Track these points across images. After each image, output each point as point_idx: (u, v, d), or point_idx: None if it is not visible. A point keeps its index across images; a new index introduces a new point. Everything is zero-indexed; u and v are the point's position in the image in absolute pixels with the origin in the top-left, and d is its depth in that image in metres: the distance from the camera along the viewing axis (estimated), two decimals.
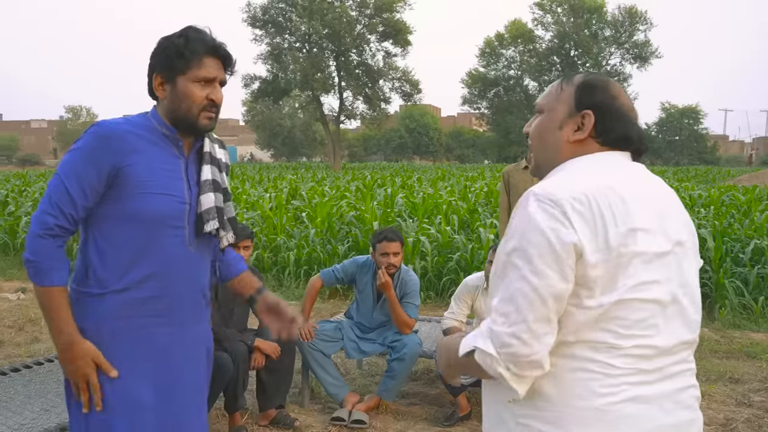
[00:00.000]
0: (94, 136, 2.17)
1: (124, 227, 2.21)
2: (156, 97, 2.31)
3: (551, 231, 1.52)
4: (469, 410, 4.88)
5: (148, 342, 2.27)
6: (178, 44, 2.22)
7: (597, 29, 52.02)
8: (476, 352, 1.55)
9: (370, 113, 50.88)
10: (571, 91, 1.76)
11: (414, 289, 5.01)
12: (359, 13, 48.59)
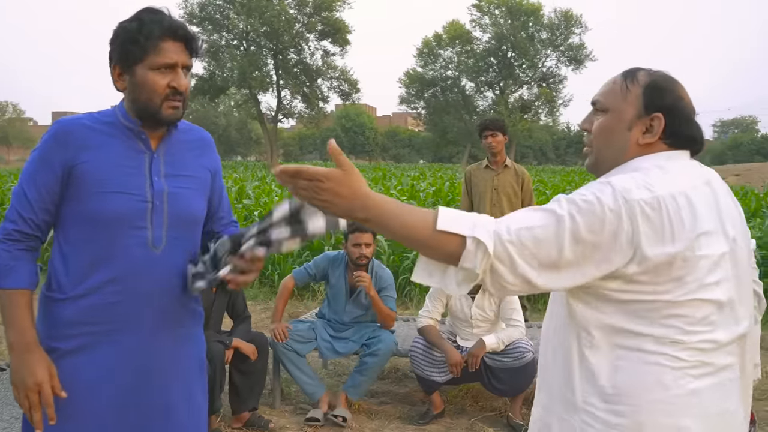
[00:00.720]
0: (49, 135, 2.08)
1: (84, 229, 2.09)
2: (117, 89, 2.15)
3: (610, 225, 1.54)
4: (442, 408, 4.89)
5: (111, 349, 2.11)
6: (131, 29, 2.05)
7: (534, 32, 52.79)
8: (471, 240, 1.51)
9: (308, 112, 50.71)
10: (639, 92, 1.75)
11: (390, 283, 5.03)
12: (298, 11, 48.45)
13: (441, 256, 1.56)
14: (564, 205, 1.57)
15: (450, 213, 1.57)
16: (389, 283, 5.05)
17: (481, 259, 1.51)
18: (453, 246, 1.53)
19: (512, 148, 55.11)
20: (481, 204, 5.89)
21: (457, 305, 4.83)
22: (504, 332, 4.65)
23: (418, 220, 1.56)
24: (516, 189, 5.89)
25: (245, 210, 11.93)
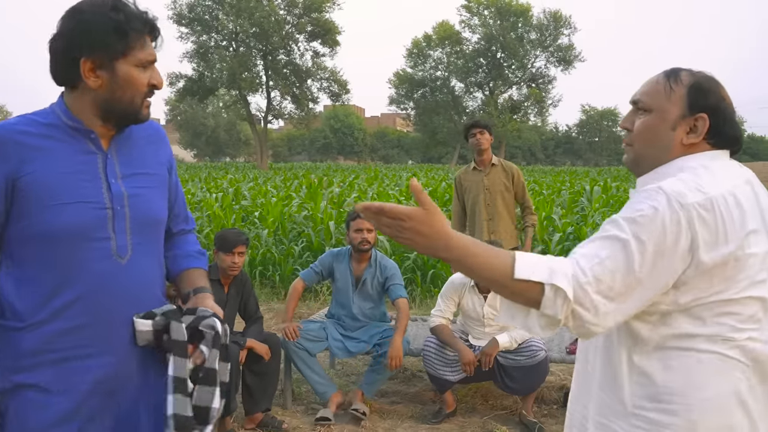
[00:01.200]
0: None
1: (37, 248, 1.83)
2: (68, 85, 1.89)
3: (672, 234, 1.56)
4: (455, 407, 4.91)
5: (80, 376, 1.87)
6: (117, 20, 1.81)
7: (523, 32, 52.96)
8: (551, 288, 1.52)
9: (298, 113, 50.67)
10: (683, 92, 1.76)
11: (394, 272, 5.12)
12: (288, 12, 48.37)
13: (521, 302, 1.58)
14: (625, 227, 1.58)
15: (527, 259, 1.57)
16: (394, 271, 5.13)
17: (562, 305, 1.52)
18: (532, 293, 1.53)
19: (502, 149, 55.26)
20: (475, 206, 5.92)
21: (469, 305, 4.84)
22: (516, 331, 4.67)
23: (497, 265, 1.55)
24: (507, 185, 5.92)
25: (243, 211, 11.90)
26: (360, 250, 5.04)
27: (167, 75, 48.71)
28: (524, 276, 1.53)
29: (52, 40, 1.84)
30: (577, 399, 1.94)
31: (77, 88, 1.87)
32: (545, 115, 56.55)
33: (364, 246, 5.00)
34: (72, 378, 1.86)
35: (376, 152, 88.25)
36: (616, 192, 16.03)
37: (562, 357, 4.86)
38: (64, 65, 1.84)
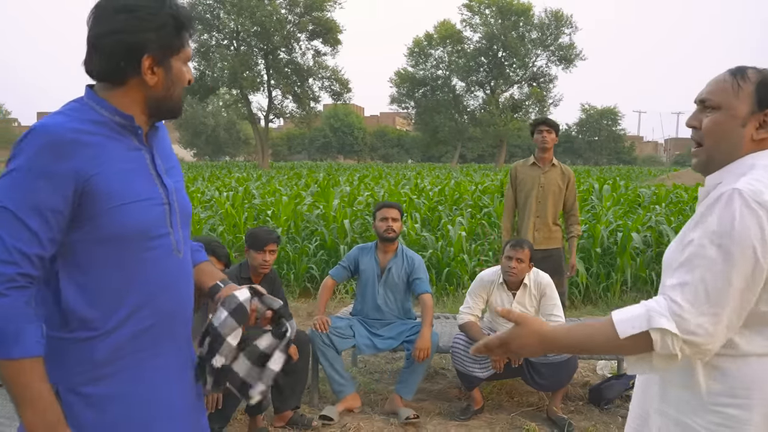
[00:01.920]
0: (39, 147, 1.65)
1: (103, 251, 1.75)
2: (116, 81, 1.81)
3: (757, 235, 1.59)
4: (482, 404, 4.93)
5: (148, 383, 1.86)
6: (176, 16, 1.79)
7: (524, 31, 52.90)
8: (655, 332, 1.58)
9: (299, 112, 50.63)
10: (751, 89, 1.78)
11: (418, 265, 5.17)
12: (289, 11, 48.23)
13: (640, 353, 1.65)
14: (706, 242, 1.62)
15: (623, 316, 1.64)
16: (419, 265, 5.18)
17: (672, 342, 1.58)
18: (642, 343, 1.61)
19: (503, 148, 55.27)
20: (527, 200, 5.93)
21: (497, 302, 4.86)
22: None
23: (600, 337, 1.67)
24: (561, 187, 5.92)
25: (252, 209, 11.91)
26: (386, 239, 5.11)
27: None
28: (628, 333, 1.61)
29: (102, 36, 1.76)
30: (643, 397, 1.96)
31: (124, 85, 1.81)
32: (546, 114, 56.44)
33: (389, 234, 5.08)
34: (148, 381, 1.85)
35: (376, 151, 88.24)
36: (624, 191, 16.05)
37: (589, 354, 4.88)
38: (122, 62, 1.77)
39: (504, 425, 4.73)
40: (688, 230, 1.73)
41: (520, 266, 4.73)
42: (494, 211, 11.94)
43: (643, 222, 10.13)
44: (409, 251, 5.26)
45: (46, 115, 1.75)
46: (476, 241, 10.17)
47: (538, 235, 5.78)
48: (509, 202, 6.15)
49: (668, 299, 1.61)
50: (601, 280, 8.74)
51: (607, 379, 5.26)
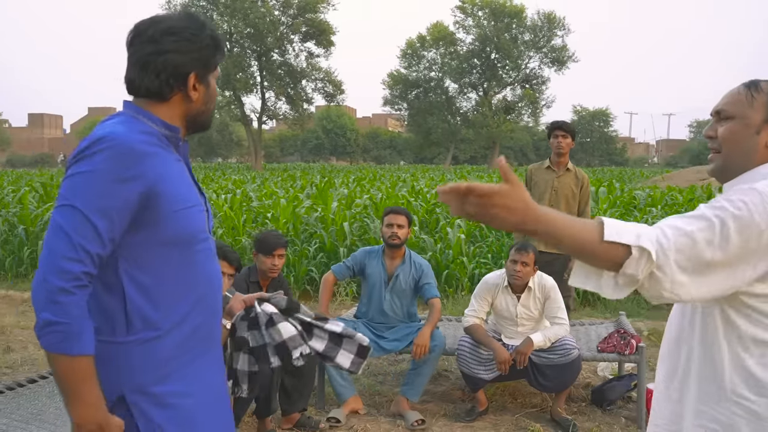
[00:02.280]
0: (112, 153, 1.75)
1: (165, 253, 1.88)
2: (160, 97, 1.94)
3: (759, 228, 1.65)
4: (487, 405, 4.99)
5: (203, 373, 2.01)
6: (215, 38, 1.98)
7: (517, 33, 53.02)
8: (637, 249, 1.60)
9: (292, 114, 50.64)
10: (764, 99, 1.88)
11: (428, 271, 5.22)
12: (282, 13, 48.30)
13: (604, 264, 1.65)
14: (711, 211, 1.68)
15: (614, 224, 1.65)
16: (427, 270, 5.23)
17: (644, 266, 1.60)
18: (618, 255, 1.61)
19: (495, 150, 55.37)
20: (539, 203, 5.97)
21: (502, 304, 4.93)
22: (550, 330, 4.76)
23: (585, 231, 1.64)
24: (575, 192, 5.98)
25: (250, 212, 11.92)
26: (391, 245, 5.14)
27: None
28: (613, 239, 1.61)
29: (151, 56, 1.89)
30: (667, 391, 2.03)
31: (169, 100, 1.94)
32: (539, 116, 56.63)
33: (393, 241, 5.10)
34: (201, 377, 1.99)
35: (368, 153, 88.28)
36: (620, 193, 16.16)
37: (593, 355, 4.95)
38: (171, 79, 1.91)
39: (509, 426, 4.80)
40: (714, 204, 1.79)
41: (525, 269, 4.79)
42: None
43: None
44: (417, 257, 5.29)
45: (104, 125, 1.87)
46: (474, 244, 10.24)
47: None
48: None
49: (661, 231, 1.66)
50: None
51: (608, 381, 5.34)
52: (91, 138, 1.78)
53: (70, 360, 1.70)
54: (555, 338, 4.72)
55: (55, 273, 1.68)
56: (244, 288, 4.54)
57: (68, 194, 1.74)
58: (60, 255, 1.69)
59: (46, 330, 1.68)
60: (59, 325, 1.68)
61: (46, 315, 1.67)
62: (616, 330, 5.15)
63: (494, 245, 9.97)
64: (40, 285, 1.70)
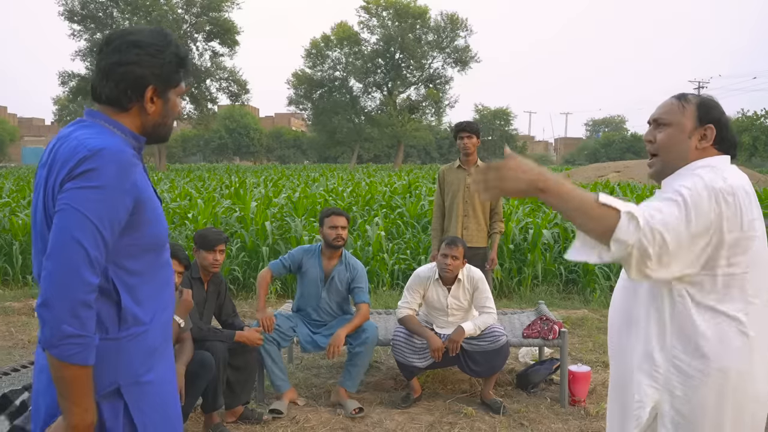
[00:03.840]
0: (116, 166, 1.87)
1: (144, 255, 2.01)
2: (120, 107, 2.04)
3: (707, 207, 2.02)
4: (420, 392, 5.26)
5: (169, 364, 2.18)
6: (179, 56, 2.08)
7: (421, 34, 53.64)
8: (625, 213, 1.91)
9: (196, 113, 49.84)
10: (693, 109, 2.27)
11: (360, 274, 5.40)
12: (186, 11, 47.42)
13: (599, 228, 1.93)
14: (676, 196, 2.02)
15: (607, 195, 1.97)
16: (361, 273, 5.41)
17: (633, 231, 1.90)
18: (610, 219, 1.91)
19: (400, 149, 55.97)
20: (454, 201, 6.25)
21: (433, 296, 5.20)
22: (479, 319, 5.06)
23: (585, 194, 1.95)
24: None
25: (167, 212, 11.79)
26: (333, 247, 5.30)
27: (58, 74, 47.02)
28: (607, 201, 1.92)
29: (114, 65, 2.00)
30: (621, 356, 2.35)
31: (128, 110, 2.05)
32: (442, 115, 57.53)
33: (338, 242, 5.27)
34: (170, 364, 2.19)
35: (272, 152, 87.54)
36: None
37: (519, 341, 5.28)
38: (129, 89, 2.01)
39: (443, 411, 5.08)
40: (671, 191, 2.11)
41: (455, 263, 5.08)
42: (407, 211, 12.33)
43: (550, 219, 10.73)
44: (352, 259, 5.46)
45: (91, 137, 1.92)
46: (393, 241, 10.52)
47: (466, 234, 6.13)
48: (438, 204, 6.47)
49: (644, 208, 1.98)
50: (513, 275, 9.26)
51: (531, 365, 5.70)
52: (89, 149, 1.86)
53: (80, 369, 1.81)
54: (484, 326, 5.02)
55: (79, 286, 1.78)
56: (188, 284, 4.65)
57: (81, 207, 1.82)
58: (81, 269, 1.78)
59: (66, 342, 1.76)
60: (80, 338, 1.78)
61: (66, 328, 1.76)
62: (538, 317, 5.49)
63: (412, 242, 10.27)
64: (62, 297, 1.77)
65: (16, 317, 7.76)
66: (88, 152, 1.85)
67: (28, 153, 76.96)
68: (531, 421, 4.87)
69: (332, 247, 5.31)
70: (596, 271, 8.99)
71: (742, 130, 47.10)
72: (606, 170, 30.28)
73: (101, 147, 1.87)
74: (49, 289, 1.77)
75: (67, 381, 1.81)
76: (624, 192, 16.10)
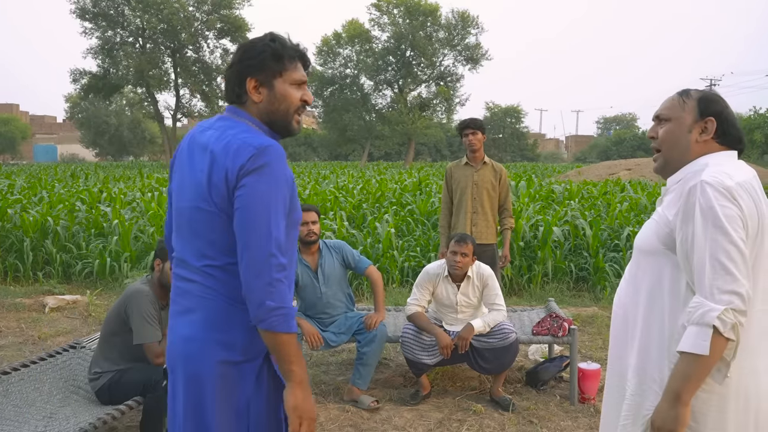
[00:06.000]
0: (282, 159, 2.12)
1: (291, 233, 2.20)
2: (241, 101, 2.28)
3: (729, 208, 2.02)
4: (430, 389, 5.26)
5: None
6: (275, 48, 2.23)
7: (431, 31, 53.50)
8: (714, 320, 1.96)
9: (207, 111, 49.92)
10: (694, 103, 2.27)
11: (345, 247, 5.42)
12: (197, 8, 47.47)
13: (718, 356, 2.02)
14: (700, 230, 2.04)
15: (685, 344, 2.02)
16: (345, 247, 5.42)
17: (727, 317, 1.98)
18: (717, 345, 1.98)
19: (411, 146, 55.91)
20: (462, 198, 6.23)
21: (443, 293, 5.19)
22: (489, 316, 5.05)
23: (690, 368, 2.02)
24: (494, 184, 6.26)
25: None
26: (309, 242, 5.25)
27: (70, 71, 47.21)
28: (705, 347, 1.98)
29: (226, 70, 2.31)
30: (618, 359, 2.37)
31: (244, 103, 2.28)
32: (453, 113, 57.36)
33: (311, 238, 5.22)
34: None
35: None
36: (538, 187, 16.73)
37: (528, 338, 5.26)
38: (236, 85, 2.26)
39: (452, 408, 5.07)
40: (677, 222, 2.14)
41: (465, 260, 5.06)
42: (417, 208, 12.32)
43: (560, 217, 10.69)
44: (329, 241, 5.43)
45: (251, 136, 2.16)
46: (402, 238, 10.51)
47: (475, 231, 6.11)
48: (445, 202, 6.46)
49: (697, 298, 2.02)
50: (523, 272, 9.23)
51: (541, 363, 5.68)
52: (264, 149, 2.10)
53: (287, 336, 2.06)
54: (494, 323, 5.00)
55: (273, 268, 2.04)
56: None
57: (263, 202, 2.07)
58: (273, 251, 2.04)
59: (273, 314, 2.03)
60: (281, 309, 2.04)
61: (270, 303, 2.03)
62: (548, 314, 5.47)
63: (422, 239, 10.26)
64: (260, 279, 2.03)
65: (27, 313, 7.78)
66: (260, 150, 2.09)
67: (40, 150, 77.22)
68: (540, 418, 4.86)
69: (307, 243, 5.26)
70: (607, 269, 8.96)
71: (755, 127, 46.75)
72: (617, 168, 30.15)
73: (268, 147, 2.11)
74: (249, 274, 2.04)
75: (279, 347, 2.07)
76: (635, 189, 16.02)
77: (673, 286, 2.15)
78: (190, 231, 2.21)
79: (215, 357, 2.17)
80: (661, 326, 2.17)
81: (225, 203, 2.11)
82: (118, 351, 4.23)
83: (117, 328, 4.23)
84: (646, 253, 2.27)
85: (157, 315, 4.20)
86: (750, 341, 2.08)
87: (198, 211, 2.16)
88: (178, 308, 2.27)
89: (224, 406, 2.19)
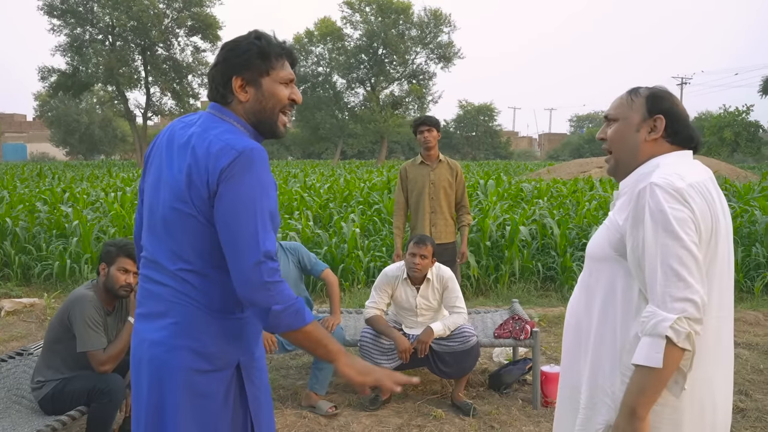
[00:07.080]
0: (264, 162, 2.07)
1: None
2: (226, 100, 2.22)
3: (681, 211, 1.93)
4: (389, 394, 5.13)
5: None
6: (261, 46, 2.18)
7: (404, 29, 53.35)
8: (666, 330, 1.85)
9: (178, 109, 49.41)
10: (642, 101, 2.17)
11: (301, 249, 5.27)
12: (167, 6, 46.93)
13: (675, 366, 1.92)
14: (650, 236, 1.94)
15: (638, 356, 1.92)
16: (301, 250, 5.25)
17: (681, 326, 1.87)
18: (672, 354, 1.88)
19: (384, 144, 55.82)
20: (420, 198, 6.13)
21: (402, 296, 5.08)
22: (449, 319, 4.94)
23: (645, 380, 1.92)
24: (451, 181, 6.17)
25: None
26: None
27: (38, 69, 46.50)
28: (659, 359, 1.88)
29: (210, 69, 2.27)
30: (570, 369, 2.25)
31: (230, 103, 2.22)
32: (426, 111, 57.22)
33: None
34: None
35: None
36: (507, 186, 16.69)
37: (490, 341, 5.16)
38: (220, 84, 2.20)
39: (412, 413, 4.96)
40: (627, 227, 2.04)
41: (424, 262, 4.95)
42: (384, 207, 12.20)
43: (528, 216, 10.63)
44: (285, 243, 5.29)
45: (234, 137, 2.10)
46: (369, 238, 10.39)
47: (435, 231, 6.02)
48: (399, 202, 6.35)
49: (650, 307, 1.91)
50: (490, 272, 9.15)
51: (504, 366, 5.59)
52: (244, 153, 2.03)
53: (308, 328, 2.08)
54: (454, 326, 4.91)
55: (268, 272, 2.00)
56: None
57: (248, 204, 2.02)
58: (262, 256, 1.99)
59: (281, 316, 2.01)
60: (289, 307, 2.02)
61: (276, 306, 2.00)
62: (511, 317, 5.38)
63: (388, 239, 10.15)
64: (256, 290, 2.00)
65: None
66: (241, 155, 2.03)
67: (9, 149, 76.04)
68: (502, 423, 4.76)
69: None
70: (574, 268, 8.90)
71: (724, 125, 47.26)
72: (589, 166, 30.24)
73: (249, 149, 2.05)
74: (244, 288, 2.01)
75: (305, 340, 2.09)
76: (604, 188, 16.02)
77: (625, 294, 2.05)
78: (165, 231, 2.13)
79: (183, 364, 2.11)
80: (614, 337, 2.08)
81: (204, 206, 2.04)
82: (61, 359, 4.07)
83: (60, 335, 4.07)
84: (598, 260, 2.17)
85: (102, 321, 4.05)
86: (705, 350, 1.98)
87: (174, 211, 2.08)
88: (146, 311, 2.20)
89: (186, 416, 2.12)
